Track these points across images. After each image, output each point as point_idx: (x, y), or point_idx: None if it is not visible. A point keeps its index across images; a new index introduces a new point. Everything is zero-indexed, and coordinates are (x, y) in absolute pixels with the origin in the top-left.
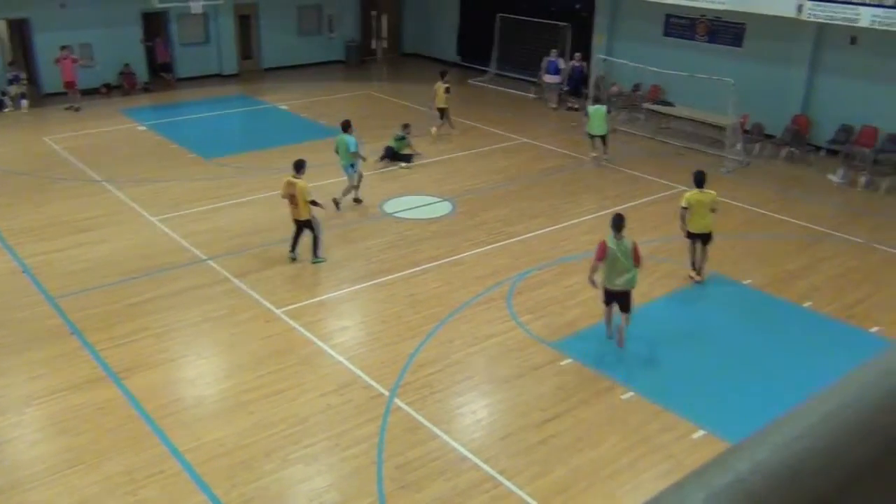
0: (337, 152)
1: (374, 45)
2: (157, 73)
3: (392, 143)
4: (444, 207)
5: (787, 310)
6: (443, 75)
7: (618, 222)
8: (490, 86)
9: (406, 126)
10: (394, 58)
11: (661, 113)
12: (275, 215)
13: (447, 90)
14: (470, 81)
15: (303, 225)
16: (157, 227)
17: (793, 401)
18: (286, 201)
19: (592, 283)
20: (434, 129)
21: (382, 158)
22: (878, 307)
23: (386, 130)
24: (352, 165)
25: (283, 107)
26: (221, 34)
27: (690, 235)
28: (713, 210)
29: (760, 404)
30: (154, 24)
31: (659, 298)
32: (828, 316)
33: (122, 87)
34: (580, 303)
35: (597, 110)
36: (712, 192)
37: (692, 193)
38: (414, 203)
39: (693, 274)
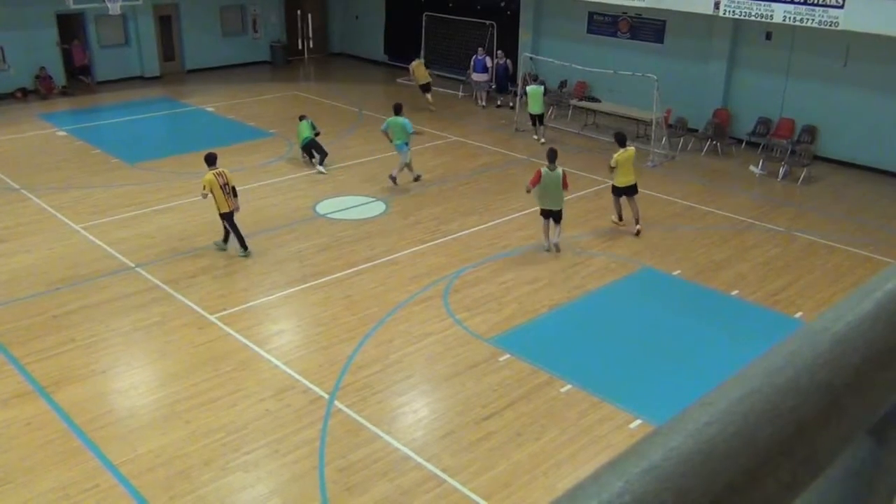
0: (386, 133)
1: (300, 45)
2: (75, 77)
3: (308, 134)
4: (377, 207)
5: (716, 299)
6: (417, 52)
7: (552, 155)
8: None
9: (303, 117)
10: (321, 58)
11: (587, 109)
12: (203, 219)
13: (426, 65)
14: (398, 80)
15: (223, 218)
16: (80, 235)
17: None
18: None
19: (528, 191)
20: (430, 99)
21: (304, 156)
22: (801, 293)
23: (327, 129)
24: (406, 143)
25: (209, 109)
26: (142, 35)
27: (618, 191)
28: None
29: (692, 391)
30: (70, 26)
31: (592, 292)
32: (754, 303)
33: (38, 91)
34: (516, 298)
35: (534, 90)
36: (632, 148)
37: (619, 153)
38: (347, 204)
39: (618, 222)
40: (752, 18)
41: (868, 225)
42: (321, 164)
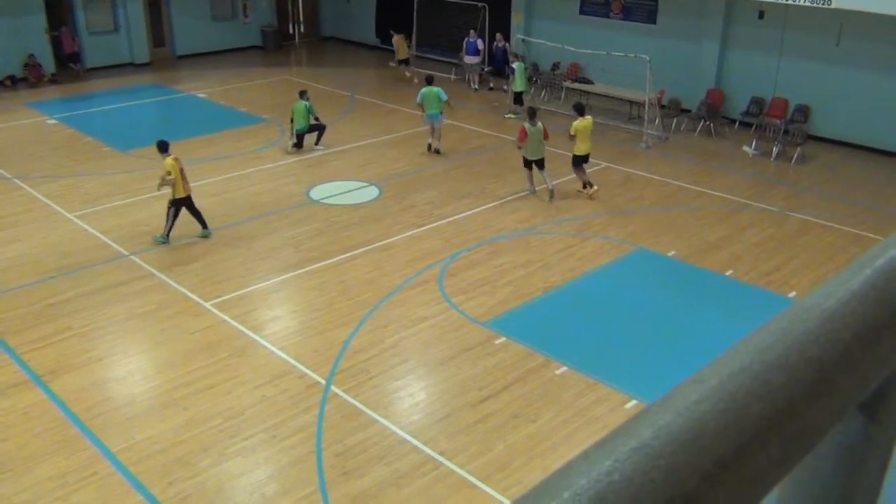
0: (421, 104)
1: (291, 29)
2: (64, 64)
3: (304, 124)
4: (371, 192)
5: (710, 279)
6: (397, 29)
7: (532, 112)
8: (410, 68)
9: (303, 93)
10: (312, 42)
11: (580, 91)
12: (197, 206)
13: (405, 39)
14: (390, 64)
15: (182, 203)
16: (74, 224)
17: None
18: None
19: (519, 147)
20: (408, 73)
21: (296, 146)
22: (795, 273)
23: (323, 115)
24: (440, 112)
25: (201, 95)
26: (131, 21)
27: (578, 160)
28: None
29: (687, 371)
30: (59, 13)
31: (588, 273)
32: (748, 283)
33: (27, 79)
34: (511, 282)
35: (519, 66)
36: (590, 117)
37: (578, 122)
38: (340, 189)
39: (589, 191)
40: None
41: (861, 203)
42: (318, 143)
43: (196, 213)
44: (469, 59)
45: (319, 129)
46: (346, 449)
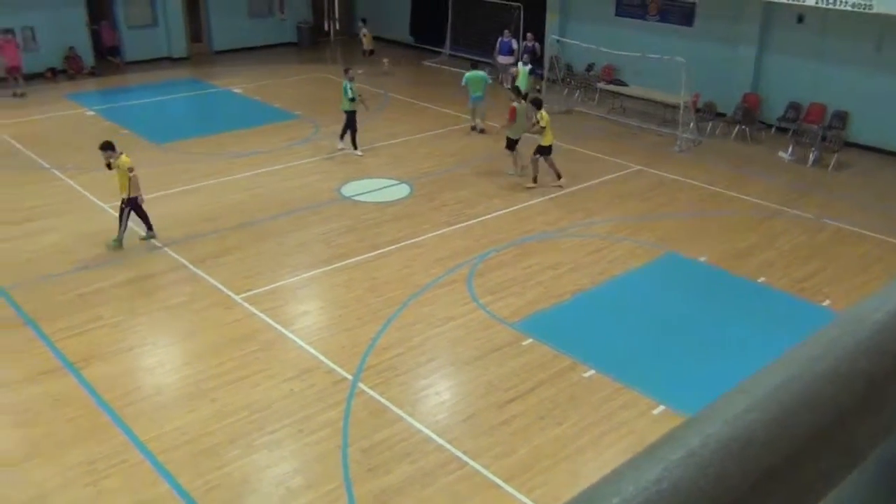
0: (465, 86)
1: (326, 26)
2: (103, 57)
3: (346, 103)
4: (402, 190)
5: (742, 286)
6: (364, 21)
7: (518, 90)
8: (444, 67)
9: (347, 70)
10: (347, 39)
11: (614, 93)
12: (230, 200)
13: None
14: (424, 63)
15: (133, 203)
16: (108, 215)
17: (748, 374)
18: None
19: (504, 126)
20: (386, 62)
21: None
22: (828, 281)
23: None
24: (483, 95)
25: (236, 90)
26: (170, 16)
27: (542, 150)
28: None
29: (717, 378)
30: (99, 7)
31: (617, 276)
32: (781, 290)
33: (67, 71)
34: (540, 283)
35: (525, 69)
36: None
37: (544, 113)
38: (371, 186)
39: (560, 182)
40: (783, 1)
41: None
42: (342, 139)
43: (145, 215)
44: (502, 59)
45: (350, 123)
46: (371, 445)
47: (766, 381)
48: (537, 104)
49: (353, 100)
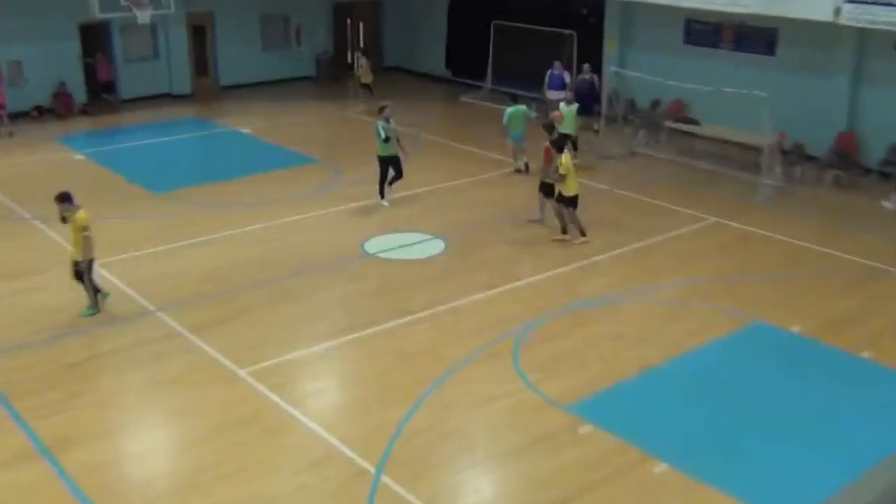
0: (506, 125)
1: (350, 58)
2: (97, 94)
3: (380, 147)
4: (435, 246)
5: (843, 361)
6: (364, 49)
7: (551, 129)
8: (484, 103)
9: (382, 108)
10: (374, 72)
11: (684, 132)
12: (236, 257)
13: (367, 63)
14: (462, 98)
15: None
16: (96, 274)
17: (854, 470)
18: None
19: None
20: (362, 106)
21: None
22: None
23: (371, 158)
24: (524, 134)
25: (246, 131)
26: (172, 48)
27: (564, 202)
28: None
29: (815, 476)
30: (94, 38)
31: (693, 350)
32: (891, 368)
33: (55, 110)
34: (600, 357)
35: (570, 109)
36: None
37: (565, 157)
38: (400, 241)
39: (575, 239)
40: (880, 27)
41: None
42: (388, 186)
43: (93, 281)
44: (553, 95)
45: (384, 170)
46: None
47: (882, 481)
48: (558, 146)
49: (386, 140)
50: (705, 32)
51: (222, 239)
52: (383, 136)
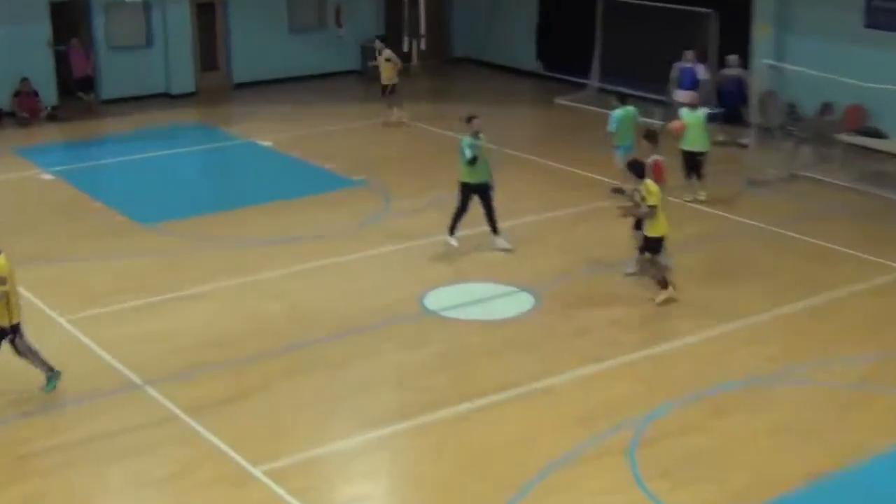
0: (613, 131)
1: (406, 46)
2: (71, 93)
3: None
4: (521, 301)
5: None
6: (384, 40)
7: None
8: (588, 107)
9: (471, 119)
10: (437, 65)
11: (866, 149)
12: (253, 313)
13: (389, 60)
14: (557, 101)
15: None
16: (66, 333)
17: None
18: None
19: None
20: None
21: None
22: None
23: (433, 179)
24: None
25: (266, 143)
26: (171, 32)
27: (648, 244)
28: None
29: None
30: (68, 20)
31: (885, 453)
32: None
33: (15, 113)
34: (748, 461)
35: (696, 117)
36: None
37: (648, 185)
38: (473, 294)
39: (668, 294)
40: None
41: None
42: (496, 235)
43: (33, 349)
44: (683, 97)
45: (479, 196)
46: None
47: None
48: (636, 170)
49: (472, 162)
50: (894, 11)
51: (232, 288)
52: (469, 156)
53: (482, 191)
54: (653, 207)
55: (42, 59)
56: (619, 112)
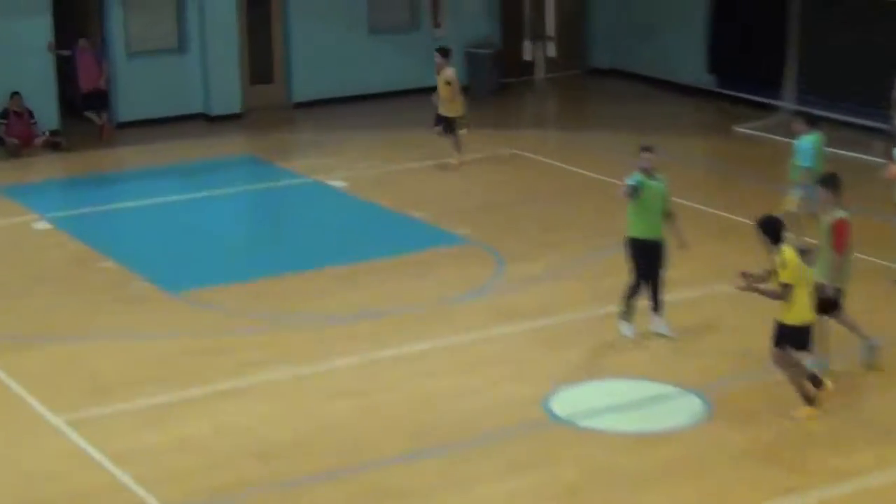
0: (797, 163)
1: (528, 53)
2: (76, 113)
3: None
4: (687, 407)
5: None
6: (445, 54)
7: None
8: (780, 138)
9: (644, 150)
10: (571, 78)
11: None
12: (314, 415)
13: (450, 84)
14: (737, 128)
15: None
16: (62, 437)
17: None
18: None
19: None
20: (456, 158)
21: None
22: None
23: (560, 235)
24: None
25: (336, 183)
26: (212, 34)
27: (784, 334)
28: None
29: None
30: (76, 17)
31: None
32: None
33: (4, 140)
34: None
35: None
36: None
37: (787, 252)
38: (618, 396)
39: (796, 410)
40: None
41: None
42: (657, 314)
43: None
44: None
45: (650, 260)
46: None
47: None
48: (771, 230)
49: (633, 194)
50: None
51: (285, 383)
52: (636, 196)
53: (652, 253)
54: (787, 287)
55: (39, 67)
56: (809, 137)
